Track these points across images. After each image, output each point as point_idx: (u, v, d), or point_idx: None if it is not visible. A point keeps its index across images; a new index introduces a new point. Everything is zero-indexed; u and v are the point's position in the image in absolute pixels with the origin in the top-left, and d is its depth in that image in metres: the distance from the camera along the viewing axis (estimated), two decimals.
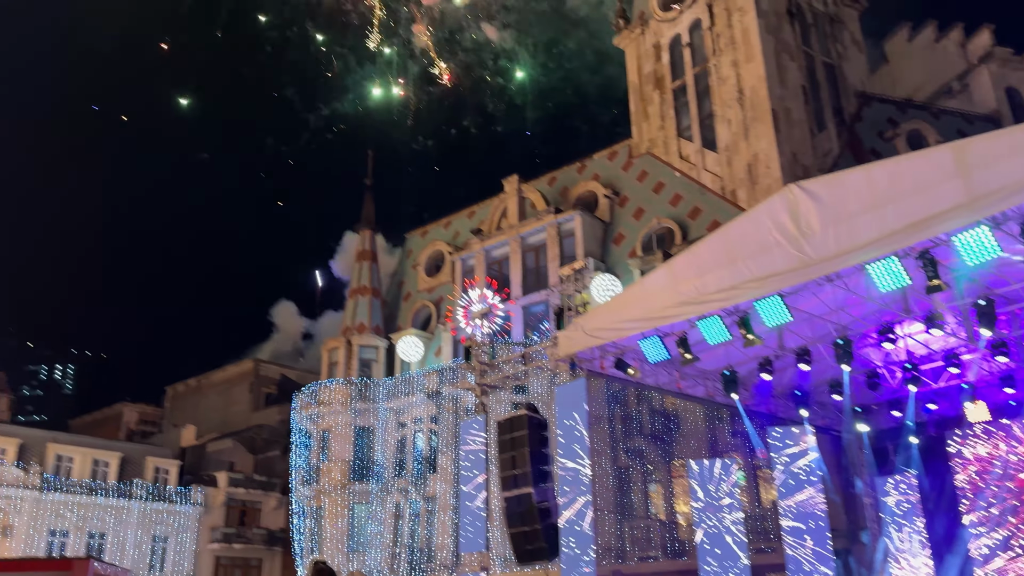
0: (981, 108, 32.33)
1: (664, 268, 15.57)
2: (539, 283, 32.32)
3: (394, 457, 32.62)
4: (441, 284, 36.35)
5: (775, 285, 13.33)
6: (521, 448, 16.98)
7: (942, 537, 19.16)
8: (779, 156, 27.38)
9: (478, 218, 37.20)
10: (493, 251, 34.15)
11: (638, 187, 32.20)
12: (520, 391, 28.37)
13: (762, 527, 24.09)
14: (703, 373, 18.06)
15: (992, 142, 11.41)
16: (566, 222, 32.09)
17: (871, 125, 30.71)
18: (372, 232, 38.47)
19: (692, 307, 14.46)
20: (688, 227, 29.41)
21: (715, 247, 14.21)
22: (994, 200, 10.75)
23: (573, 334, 16.80)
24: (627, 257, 30.44)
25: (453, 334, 27.46)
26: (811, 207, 12.66)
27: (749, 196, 27.74)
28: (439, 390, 31.56)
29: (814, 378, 17.62)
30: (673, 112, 32.16)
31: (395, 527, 31.70)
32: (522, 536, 16.64)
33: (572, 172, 35.18)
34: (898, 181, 11.74)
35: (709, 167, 30.10)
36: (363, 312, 36.44)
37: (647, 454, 27.54)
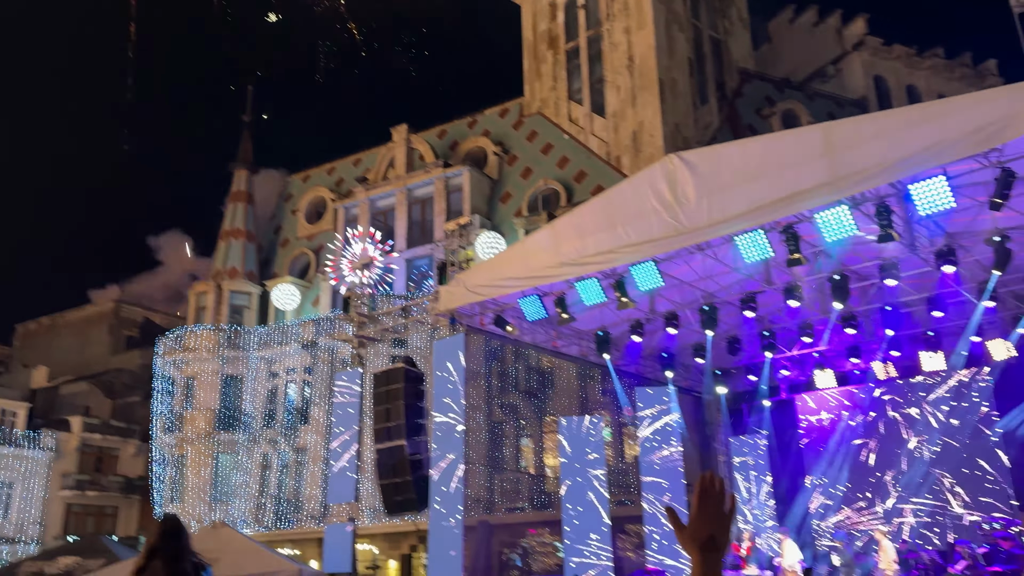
0: (851, 93, 34.30)
1: (547, 229, 15.77)
2: (424, 237, 32.04)
3: (264, 407, 31.82)
4: (322, 232, 35.37)
5: (650, 251, 13.77)
6: (396, 401, 16.94)
7: (786, 493, 20.73)
8: (663, 126, 28.11)
9: (364, 166, 36.30)
10: (378, 201, 33.49)
11: (527, 147, 32.30)
12: (399, 344, 28.22)
13: (624, 481, 25.24)
14: (578, 333, 18.55)
15: (857, 126, 12.13)
16: (454, 177, 31.84)
17: (750, 102, 31.98)
18: (248, 172, 36.79)
19: (571, 268, 14.74)
20: (573, 190, 29.83)
21: (596, 211, 14.49)
22: (854, 181, 11.45)
23: (454, 289, 16.81)
24: (513, 216, 30.60)
25: (334, 282, 26.87)
26: (688, 177, 13.09)
27: (633, 163, 28.39)
28: (315, 340, 30.91)
29: (680, 341, 18.44)
30: (565, 74, 32.30)
31: (262, 478, 31.08)
32: (392, 487, 16.70)
33: (462, 126, 34.83)
34: (769, 157, 12.30)
35: (597, 132, 30.53)
36: (236, 256, 34.98)
37: (521, 410, 28.15)
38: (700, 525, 1.76)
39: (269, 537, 28.40)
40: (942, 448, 18.75)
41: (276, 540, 28.50)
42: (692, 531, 1.76)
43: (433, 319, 18.03)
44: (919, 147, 10.80)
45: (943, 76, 36.79)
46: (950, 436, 18.73)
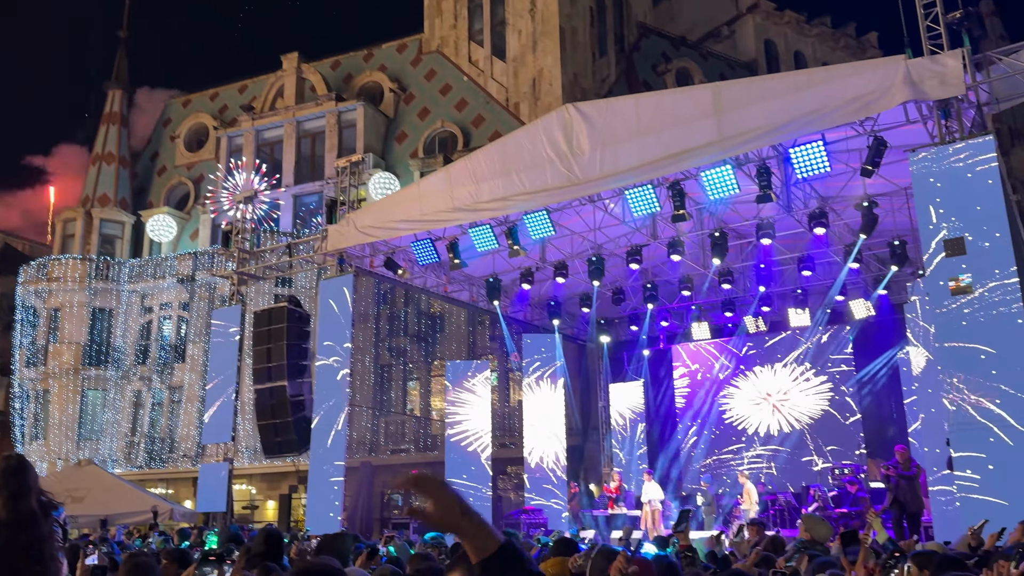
0: (743, 55, 35.29)
1: (442, 172, 15.58)
2: (314, 173, 30.97)
3: (136, 343, 30.34)
4: (203, 161, 33.55)
5: (543, 200, 13.88)
6: (278, 341, 16.53)
7: (658, 437, 21.79)
8: (562, 75, 28.06)
9: (250, 93, 34.49)
10: (265, 132, 32.02)
11: (425, 86, 31.55)
12: (283, 283, 27.42)
13: (508, 424, 25.81)
14: (469, 279, 18.59)
15: (746, 88, 12.51)
16: (347, 112, 30.78)
17: (647, 57, 32.36)
18: (124, 92, 34.27)
19: (465, 214, 14.68)
20: (471, 134, 29.49)
21: (492, 157, 14.42)
22: (739, 142, 11.87)
23: (344, 229, 16.41)
24: (408, 157, 30.01)
25: (215, 215, 25.63)
26: (583, 129, 13.19)
27: (531, 111, 28.28)
28: (193, 275, 29.56)
29: (568, 290, 18.83)
30: (467, 13, 31.56)
31: (134, 416, 29.82)
32: (272, 428, 16.40)
33: (358, 59, 33.55)
34: (662, 114, 12.54)
35: (496, 76, 30.16)
36: (107, 182, 32.75)
37: (409, 353, 28.10)
38: (441, 503, 1.62)
39: (140, 476, 27.44)
40: (803, 399, 20.13)
41: (148, 479, 27.57)
42: (437, 511, 1.62)
43: (320, 259, 17.58)
44: (801, 112, 11.27)
45: (828, 45, 38.40)
46: (810, 389, 20.12)
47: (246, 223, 18.84)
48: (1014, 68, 10.84)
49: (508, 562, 1.61)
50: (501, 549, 1.62)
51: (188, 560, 4.46)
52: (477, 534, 1.63)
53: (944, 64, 10.52)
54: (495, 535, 1.64)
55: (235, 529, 11.09)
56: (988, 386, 9.60)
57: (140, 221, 32.43)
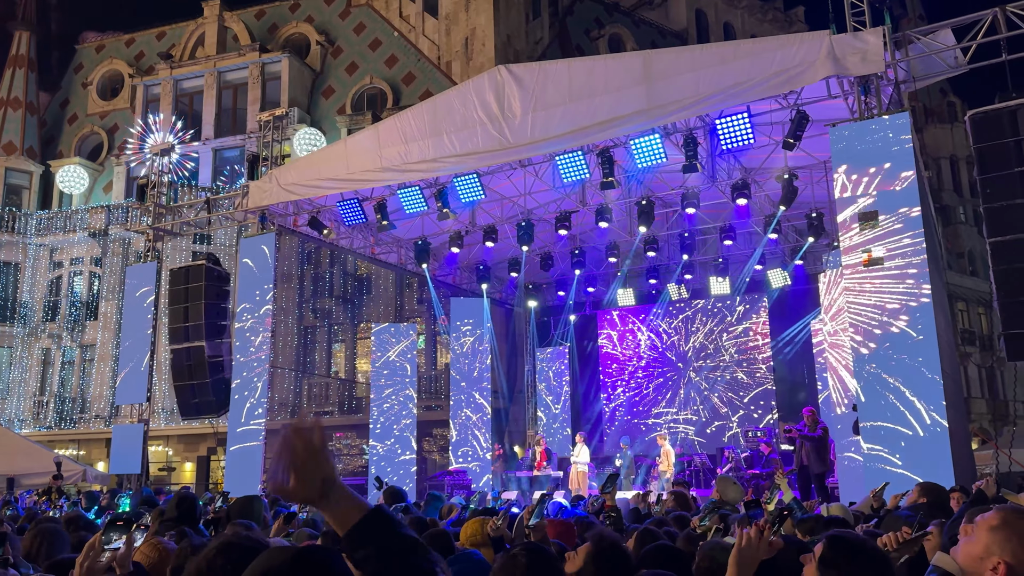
0: (674, 24, 35.53)
1: (371, 131, 15.22)
2: (236, 127, 29.87)
3: (45, 299, 28.95)
4: (117, 110, 31.93)
5: (474, 163, 13.75)
6: (196, 300, 16.03)
7: (582, 401, 22.20)
8: (495, 36, 27.69)
9: (169, 41, 32.87)
10: (184, 82, 30.64)
11: (354, 40, 30.67)
12: (202, 240, 26.52)
13: (435, 387, 25.83)
14: (397, 241, 18.35)
15: (675, 56, 12.59)
16: (272, 63, 29.71)
17: (580, 22, 32.23)
18: (32, 34, 32.19)
19: (394, 174, 14.42)
20: (401, 92, 28.90)
21: (423, 117, 14.16)
22: (668, 111, 11.97)
23: (266, 186, 15.92)
24: (335, 113, 29.24)
25: (131, 167, 24.43)
26: (516, 92, 13.06)
27: (463, 71, 27.87)
28: (106, 230, 28.28)
29: (497, 255, 18.80)
30: None
31: (43, 375, 28.57)
32: (189, 389, 15.97)
33: (284, 9, 32.32)
34: (594, 80, 12.52)
35: (428, 33, 29.54)
36: (13, 129, 30.84)
37: (335, 315, 27.69)
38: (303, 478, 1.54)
39: (50, 436, 26.41)
40: (720, 365, 20.78)
41: (58, 440, 26.56)
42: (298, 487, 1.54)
43: (241, 216, 17.03)
44: (728, 84, 11.42)
45: (756, 17, 39.01)
46: (728, 354, 20.77)
47: (163, 176, 18.07)
48: (931, 48, 11.22)
49: (374, 530, 1.55)
50: (365, 518, 1.56)
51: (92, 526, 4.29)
52: (338, 507, 1.56)
53: (866, 41, 10.80)
54: (359, 505, 1.57)
55: (148, 492, 10.80)
56: (895, 358, 10.07)
57: (49, 171, 30.75)
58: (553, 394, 22.00)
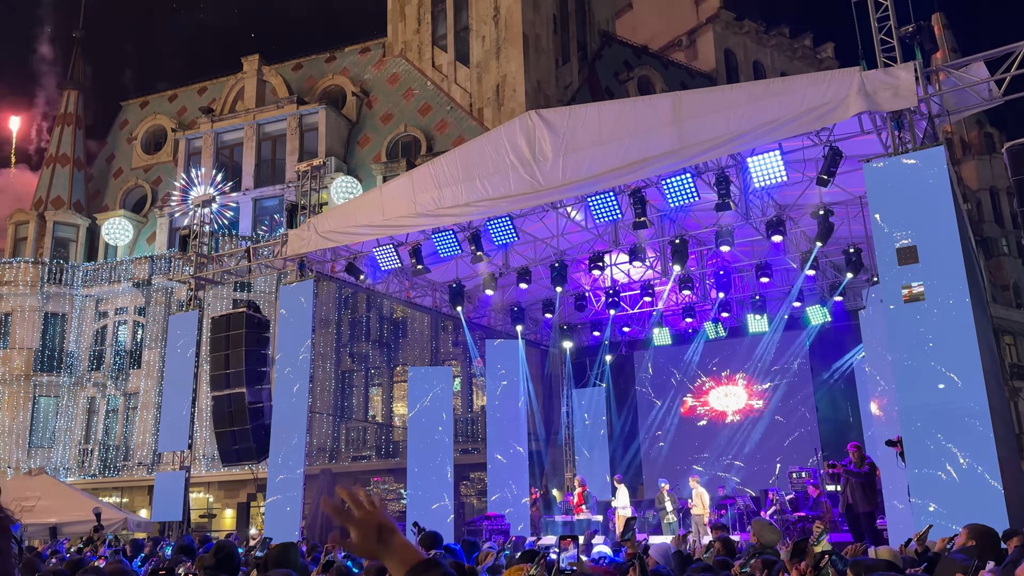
0: (703, 65, 35.80)
1: (405, 177, 15.49)
2: (275, 177, 30.61)
3: (91, 349, 29.63)
4: (160, 163, 32.97)
5: (506, 206, 13.88)
6: (237, 347, 16.27)
7: (621, 443, 21.93)
8: (525, 81, 28.16)
9: (210, 96, 33.99)
10: (225, 135, 31.56)
11: (389, 90, 31.41)
12: (243, 288, 27.03)
13: (471, 431, 25.74)
14: (432, 284, 18.51)
15: (704, 97, 12.67)
16: (309, 115, 30.50)
17: (609, 65, 32.64)
18: (79, 93, 33.53)
19: (428, 219, 14.61)
20: (434, 139, 29.42)
21: (456, 163, 14.38)
22: (698, 151, 12.00)
23: (305, 234, 16.22)
24: (371, 161, 29.82)
25: (173, 218, 25.16)
26: (546, 136, 13.23)
27: (494, 116, 28.32)
28: (149, 280, 28.98)
29: (531, 297, 18.86)
30: (430, 18, 31.52)
31: (88, 423, 29.11)
32: (230, 436, 16.13)
33: (320, 62, 33.29)
34: (624, 122, 12.63)
35: (460, 81, 30.15)
36: (61, 184, 31.97)
37: (371, 359, 27.88)
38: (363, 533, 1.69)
39: (94, 484, 26.79)
40: (761, 404, 20.42)
41: (102, 488, 26.94)
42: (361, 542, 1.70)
43: (281, 264, 17.36)
44: (759, 122, 11.44)
45: (786, 55, 39.15)
46: (768, 393, 20.42)
47: (204, 227, 18.54)
48: (964, 81, 11.14)
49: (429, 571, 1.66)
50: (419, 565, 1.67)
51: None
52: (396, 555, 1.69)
53: (897, 76, 10.78)
54: (417, 553, 1.71)
55: (188, 540, 10.87)
56: (939, 397, 9.82)
57: (95, 224, 31.73)
58: (591, 436, 21.78)
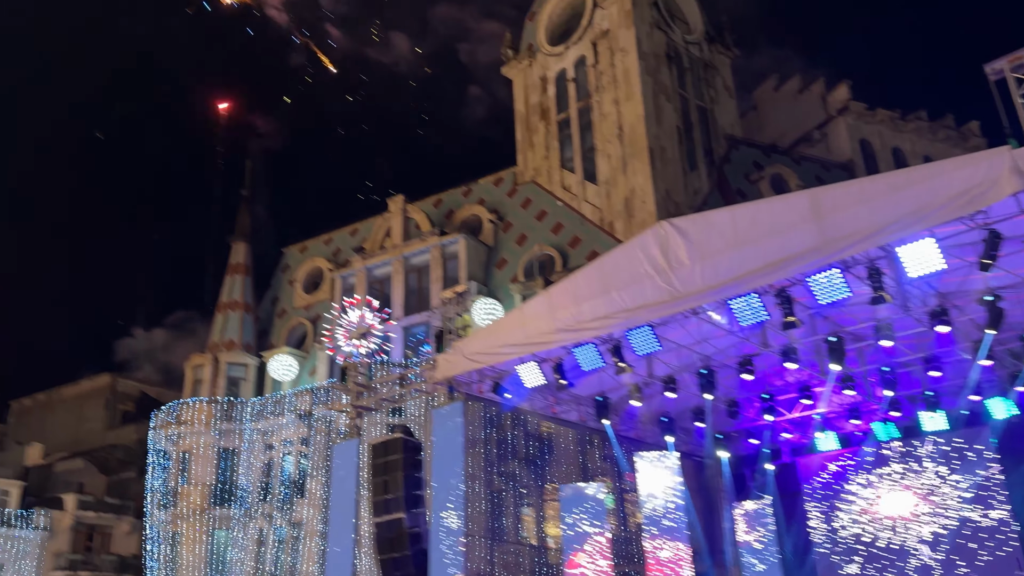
0: (838, 156, 35.01)
1: (543, 295, 15.90)
2: (421, 304, 32.14)
3: (259, 481, 31.32)
4: (319, 302, 35.47)
5: (646, 316, 13.88)
6: (395, 472, 16.74)
7: (792, 557, 20.30)
8: (654, 192, 28.56)
9: (361, 236, 36.66)
10: (375, 270, 33.71)
11: (522, 214, 32.74)
12: (396, 413, 28.00)
13: (627, 550, 24.71)
14: (577, 398, 18.48)
15: (844, 190, 12.38)
16: (450, 244, 32.15)
17: (738, 167, 32.59)
18: (247, 244, 37.11)
19: (568, 334, 14.82)
20: (568, 255, 30.12)
21: (591, 277, 14.65)
22: (844, 245, 11.65)
23: (452, 358, 16.81)
24: (509, 282, 30.80)
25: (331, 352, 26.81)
26: (680, 243, 13.29)
27: (626, 228, 28.73)
28: (311, 411, 30.66)
29: (679, 405, 18.38)
30: (557, 143, 32.98)
31: (258, 554, 30.38)
32: (391, 563, 16.35)
33: (458, 195, 35.35)
34: (759, 223, 12.52)
35: (590, 198, 31.01)
36: (233, 328, 34.99)
37: (521, 478, 27.75)
38: None
39: None
40: (948, 510, 18.47)
41: None
42: None
43: (431, 387, 17.98)
44: (905, 211, 11.03)
45: (927, 138, 37.64)
46: (955, 496, 18.48)
47: (361, 358, 19.63)
48: None
49: None
50: None
51: None
52: None
53: None
54: None
55: None
56: None
57: (263, 362, 34.22)
58: (758, 553, 20.34)
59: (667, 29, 32.78)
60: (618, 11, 31.61)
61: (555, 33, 34.63)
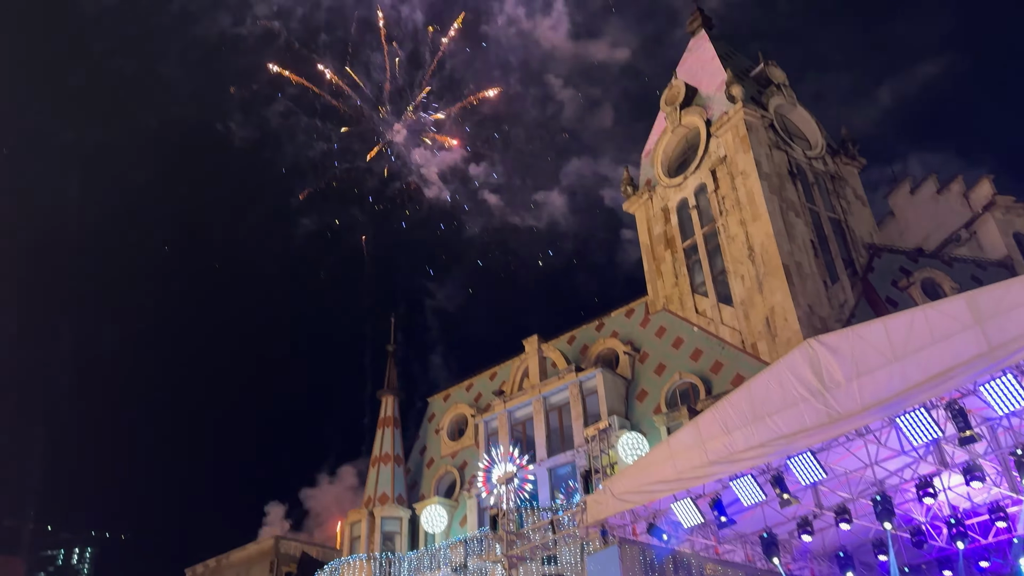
0: (992, 254, 32.82)
1: (691, 427, 15.42)
2: (564, 444, 31.80)
3: None
4: (464, 448, 35.84)
5: (805, 441, 13.15)
6: None
7: None
8: (796, 309, 27.63)
9: (499, 379, 37.26)
10: (516, 412, 33.91)
11: (657, 343, 32.39)
12: (550, 561, 27.17)
13: None
14: (741, 536, 17.37)
15: (1005, 291, 11.59)
16: (588, 380, 32.04)
17: (884, 275, 31.14)
18: (395, 397, 38.50)
19: (723, 467, 14.20)
20: (711, 382, 29.25)
21: (740, 404, 14.15)
22: (1014, 349, 10.78)
23: (602, 499, 16.38)
24: (652, 414, 30.09)
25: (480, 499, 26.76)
26: (832, 361, 12.72)
27: (770, 349, 27.76)
28: (465, 563, 30.29)
29: (856, 538, 16.87)
30: (686, 270, 32.93)
31: None
32: None
33: (591, 330, 35.55)
34: (916, 333, 11.85)
35: (727, 321, 30.37)
36: (386, 481, 35.75)
37: None
38: None
39: None
40: None
41: None
42: None
43: (583, 532, 17.48)
44: None
45: None
46: None
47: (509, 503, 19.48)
48: None
49: None
50: None
51: None
52: None
53: None
54: None
55: None
56: None
57: (415, 514, 34.49)
58: None
59: (786, 148, 32.85)
60: (733, 137, 32.10)
61: (672, 166, 35.45)
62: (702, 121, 33.78)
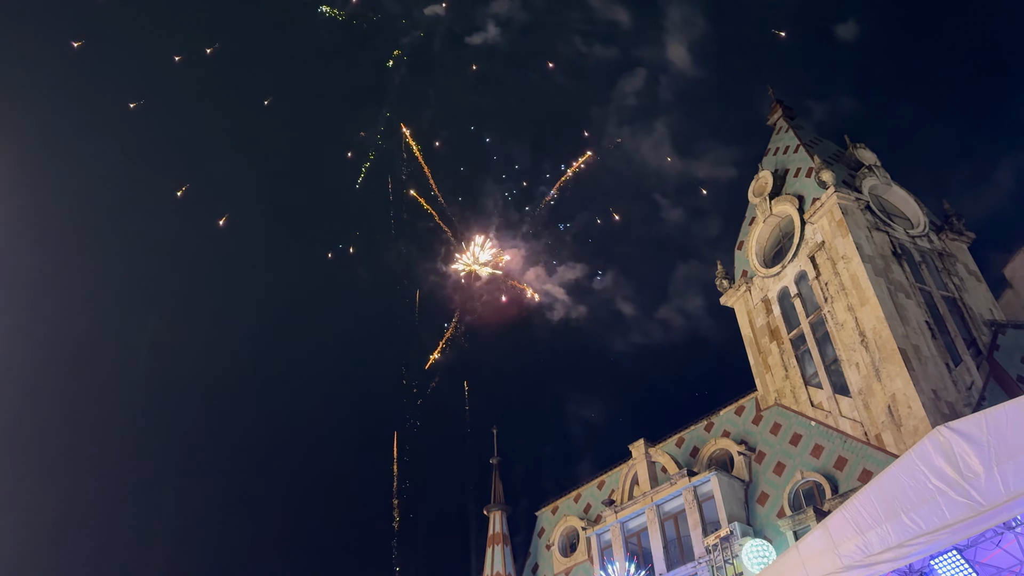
0: None
1: (820, 529, 14.50)
2: (684, 555, 30.22)
3: None
4: (579, 564, 34.58)
5: (948, 538, 12.13)
6: None
7: None
8: (919, 395, 26.03)
9: (608, 487, 36.18)
10: (628, 523, 32.65)
11: (773, 441, 30.93)
12: None
13: None
14: None
15: None
16: (702, 484, 30.71)
17: (1012, 352, 29.13)
18: (503, 512, 37.88)
19: (859, 571, 13.22)
20: (837, 479, 27.52)
21: (871, 501, 13.27)
22: None
23: None
24: (775, 518, 28.40)
25: None
26: (967, 448, 11.87)
27: (896, 439, 26.07)
28: None
29: None
30: (795, 361, 31.72)
31: None
32: None
33: (699, 430, 34.36)
34: None
35: (845, 413, 28.82)
36: None
37: None
38: None
39: None
40: None
41: None
42: None
43: None
44: None
45: None
46: None
47: None
48: None
49: None
50: None
51: None
52: None
53: None
54: None
55: None
56: None
57: None
58: None
59: (887, 228, 31.89)
60: (829, 222, 31.48)
61: (767, 256, 34.89)
62: (794, 209, 33.39)
